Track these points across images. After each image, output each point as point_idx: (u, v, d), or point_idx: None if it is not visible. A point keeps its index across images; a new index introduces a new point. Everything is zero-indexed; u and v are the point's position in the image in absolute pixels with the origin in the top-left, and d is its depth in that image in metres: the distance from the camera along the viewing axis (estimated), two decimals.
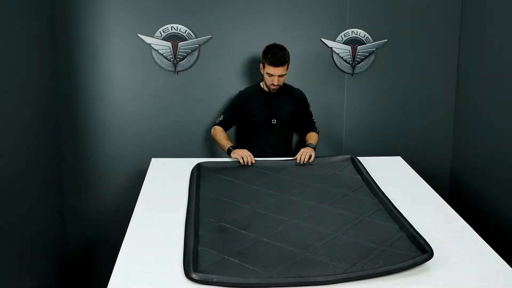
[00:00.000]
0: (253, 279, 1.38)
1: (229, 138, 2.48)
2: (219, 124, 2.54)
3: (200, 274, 1.38)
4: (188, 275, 1.38)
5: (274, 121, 2.52)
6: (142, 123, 2.73)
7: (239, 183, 2.09)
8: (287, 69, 2.40)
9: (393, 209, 1.81)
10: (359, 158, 2.37)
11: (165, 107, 2.74)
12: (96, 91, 2.67)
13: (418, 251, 1.52)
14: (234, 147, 2.37)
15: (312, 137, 2.54)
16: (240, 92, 2.59)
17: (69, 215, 2.76)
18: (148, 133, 2.75)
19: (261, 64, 2.45)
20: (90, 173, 2.75)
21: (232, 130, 2.76)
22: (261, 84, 2.56)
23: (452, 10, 2.85)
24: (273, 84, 2.41)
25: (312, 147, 2.41)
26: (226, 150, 2.39)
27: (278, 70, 2.36)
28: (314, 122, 2.64)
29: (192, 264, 1.42)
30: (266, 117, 2.52)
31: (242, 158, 2.28)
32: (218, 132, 2.50)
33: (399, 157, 2.50)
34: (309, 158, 2.33)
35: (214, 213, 1.79)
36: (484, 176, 2.66)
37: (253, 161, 2.30)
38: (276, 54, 2.33)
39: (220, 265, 1.45)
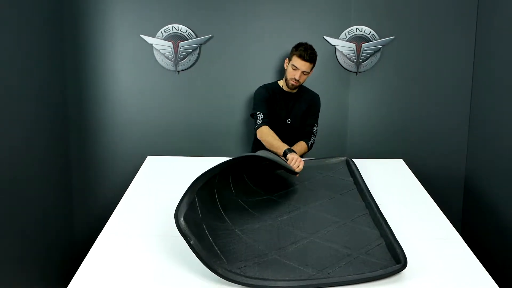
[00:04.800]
0: (217, 266, 1.34)
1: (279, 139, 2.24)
2: (264, 122, 2.31)
3: (185, 225, 1.35)
4: (177, 220, 1.36)
5: (288, 121, 2.48)
6: (144, 121, 2.77)
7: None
8: (311, 69, 2.37)
9: (378, 214, 1.72)
10: (358, 160, 2.28)
11: (167, 105, 2.77)
12: (100, 91, 2.74)
13: (393, 261, 1.44)
14: (291, 150, 2.11)
15: (297, 146, 2.37)
16: (264, 85, 2.49)
17: (76, 213, 2.84)
18: (150, 131, 2.79)
19: (286, 59, 2.42)
20: (95, 172, 2.82)
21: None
22: (279, 82, 2.52)
23: (468, 3, 2.68)
24: (294, 79, 2.36)
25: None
26: (282, 152, 2.12)
27: (305, 65, 2.33)
28: (313, 133, 2.47)
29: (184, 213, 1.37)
30: (282, 116, 2.47)
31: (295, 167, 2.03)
32: (268, 132, 2.27)
33: (401, 159, 2.38)
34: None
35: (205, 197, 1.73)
36: (502, 181, 2.46)
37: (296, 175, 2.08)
38: (307, 49, 2.32)
39: (199, 232, 1.41)
